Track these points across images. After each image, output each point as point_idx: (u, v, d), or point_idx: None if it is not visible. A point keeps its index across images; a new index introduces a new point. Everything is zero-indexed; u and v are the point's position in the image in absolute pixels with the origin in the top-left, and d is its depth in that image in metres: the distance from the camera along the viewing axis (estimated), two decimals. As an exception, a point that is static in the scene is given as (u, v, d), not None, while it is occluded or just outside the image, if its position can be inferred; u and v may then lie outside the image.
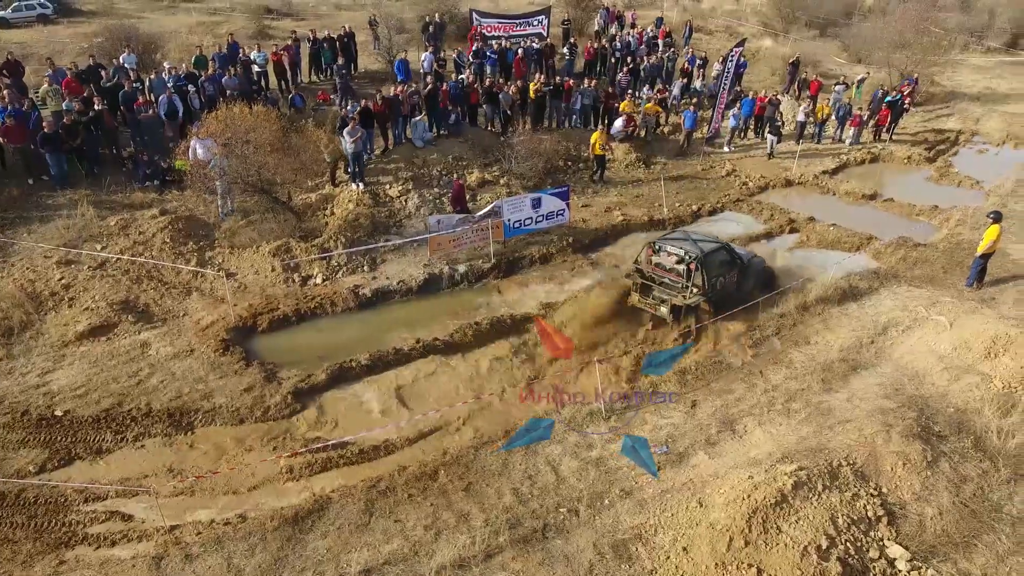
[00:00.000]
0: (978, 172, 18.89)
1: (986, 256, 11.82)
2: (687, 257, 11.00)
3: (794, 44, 33.38)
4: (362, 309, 12.38)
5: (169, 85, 16.12)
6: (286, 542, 7.34)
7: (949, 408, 8.91)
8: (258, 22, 27.31)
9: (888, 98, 20.74)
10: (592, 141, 17.07)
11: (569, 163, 18.16)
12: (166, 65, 17.01)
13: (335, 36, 20.30)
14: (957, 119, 23.58)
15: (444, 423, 9.55)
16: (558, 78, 19.68)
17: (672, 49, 24.27)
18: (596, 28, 27.15)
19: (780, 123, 19.69)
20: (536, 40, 23.93)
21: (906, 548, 6.83)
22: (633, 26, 27.61)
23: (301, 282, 12.81)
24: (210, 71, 17.00)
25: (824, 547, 6.63)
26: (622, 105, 19.30)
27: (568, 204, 14.62)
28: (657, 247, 11.60)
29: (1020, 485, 7.70)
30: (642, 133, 20.05)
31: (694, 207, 16.45)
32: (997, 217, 11.73)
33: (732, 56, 18.68)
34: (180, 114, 15.79)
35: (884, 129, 20.79)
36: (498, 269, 13.51)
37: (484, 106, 18.14)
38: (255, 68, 18.22)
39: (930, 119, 23.95)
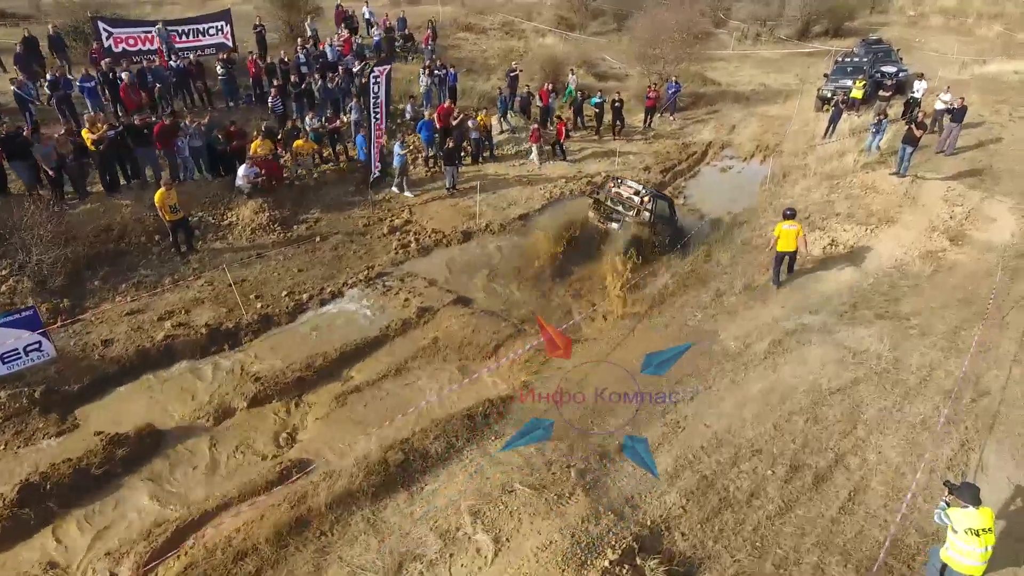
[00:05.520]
0: (710, 201, 15.41)
1: (780, 254, 11.34)
2: (643, 191, 13.45)
3: (576, 42, 29.83)
4: None
5: None
6: None
7: None
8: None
9: (591, 100, 17.00)
10: (156, 202, 11.79)
11: (158, 238, 12.76)
12: None
13: None
14: (713, 127, 20.38)
15: None
16: (164, 115, 14.14)
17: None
18: (308, 33, 21.99)
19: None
20: (221, 51, 18.63)
21: None
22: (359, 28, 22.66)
23: None
24: None
25: None
26: (253, 146, 14.16)
27: (46, 333, 9.31)
28: (619, 181, 13.92)
29: None
30: (301, 176, 15.13)
31: (306, 295, 11.60)
32: (788, 215, 11.27)
33: (376, 77, 13.91)
34: None
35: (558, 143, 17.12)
36: None
37: (10, 163, 12.37)
38: None
39: (688, 125, 20.68)
